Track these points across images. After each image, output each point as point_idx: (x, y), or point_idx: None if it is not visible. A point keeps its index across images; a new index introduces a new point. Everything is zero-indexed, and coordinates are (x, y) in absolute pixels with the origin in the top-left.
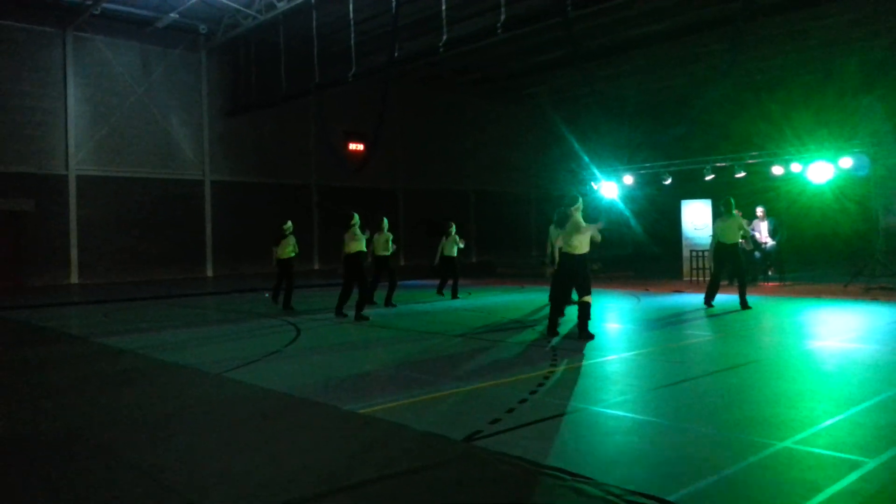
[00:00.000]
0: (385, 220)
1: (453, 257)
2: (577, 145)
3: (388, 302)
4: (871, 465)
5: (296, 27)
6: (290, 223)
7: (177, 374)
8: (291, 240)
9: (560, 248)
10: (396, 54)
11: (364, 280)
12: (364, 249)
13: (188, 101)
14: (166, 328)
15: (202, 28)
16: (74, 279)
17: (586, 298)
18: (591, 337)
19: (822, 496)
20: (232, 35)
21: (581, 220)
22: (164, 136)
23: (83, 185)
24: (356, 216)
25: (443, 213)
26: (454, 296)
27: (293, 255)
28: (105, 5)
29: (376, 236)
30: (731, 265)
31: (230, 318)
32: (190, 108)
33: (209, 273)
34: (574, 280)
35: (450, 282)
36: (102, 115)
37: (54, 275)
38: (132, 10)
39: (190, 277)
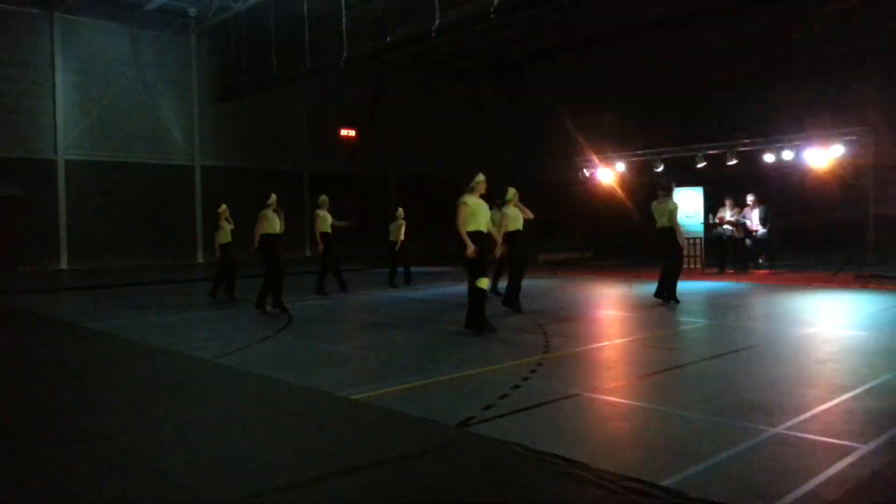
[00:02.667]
0: (400, 209)
1: (395, 242)
2: (572, 132)
3: (408, 280)
4: (863, 450)
5: (287, 10)
6: (223, 206)
7: (168, 360)
8: (226, 225)
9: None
10: (388, 39)
11: (276, 266)
12: (276, 231)
13: (178, 85)
14: (156, 313)
15: (191, 11)
16: (64, 265)
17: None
18: (481, 329)
19: (814, 481)
20: (222, 18)
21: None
22: (154, 121)
23: (72, 170)
24: (273, 196)
25: (436, 200)
26: (399, 282)
27: (229, 240)
28: None
29: (392, 223)
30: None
31: (220, 304)
32: (180, 92)
33: (199, 259)
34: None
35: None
36: (91, 99)
37: (45, 260)
38: None
39: (180, 263)
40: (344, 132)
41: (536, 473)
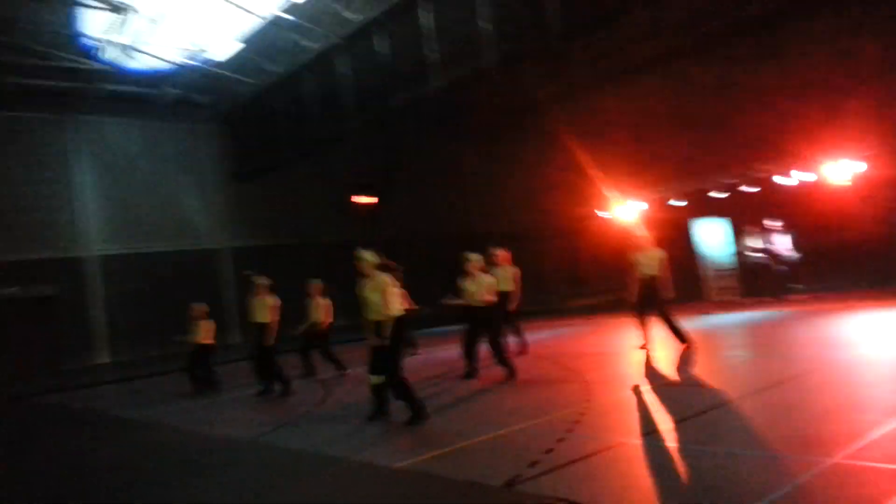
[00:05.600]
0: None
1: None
2: (587, 173)
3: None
4: None
5: (292, 88)
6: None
7: (211, 443)
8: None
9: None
10: (392, 104)
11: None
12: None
13: (197, 171)
14: (199, 398)
15: (202, 99)
16: (106, 358)
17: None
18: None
19: None
20: (232, 103)
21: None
22: (178, 209)
23: (104, 265)
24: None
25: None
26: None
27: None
28: (107, 86)
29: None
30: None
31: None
32: (200, 178)
33: (237, 339)
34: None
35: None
36: (113, 194)
37: (85, 355)
38: (134, 88)
39: (218, 345)
40: (361, 199)
41: None
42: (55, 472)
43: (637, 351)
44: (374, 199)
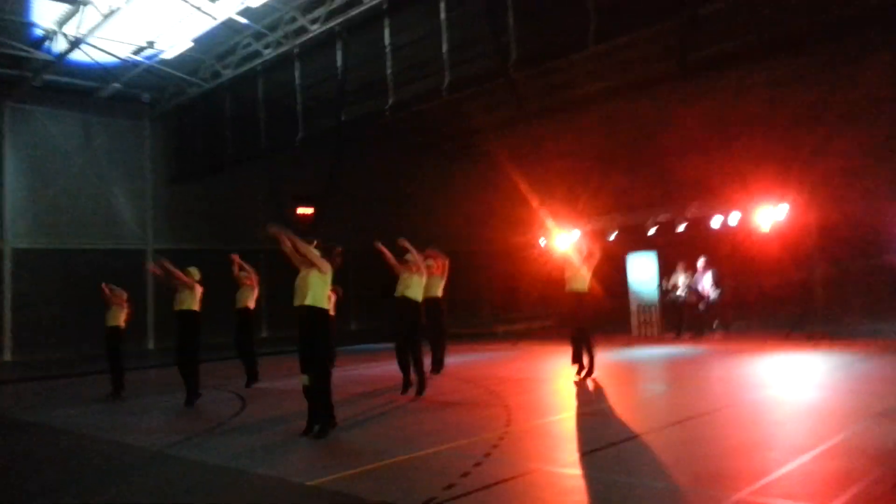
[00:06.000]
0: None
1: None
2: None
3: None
4: None
5: (241, 94)
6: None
7: (118, 452)
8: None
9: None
10: (343, 118)
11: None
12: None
13: (131, 169)
14: (107, 403)
15: (145, 97)
16: (7, 357)
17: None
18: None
19: None
20: (176, 103)
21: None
22: (106, 207)
23: (19, 259)
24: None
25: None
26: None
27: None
28: (46, 77)
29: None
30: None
31: (170, 390)
32: (133, 176)
33: (150, 346)
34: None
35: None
36: (41, 186)
37: None
38: (74, 80)
39: (132, 351)
40: (301, 210)
41: None
42: None
43: (565, 377)
44: (311, 210)
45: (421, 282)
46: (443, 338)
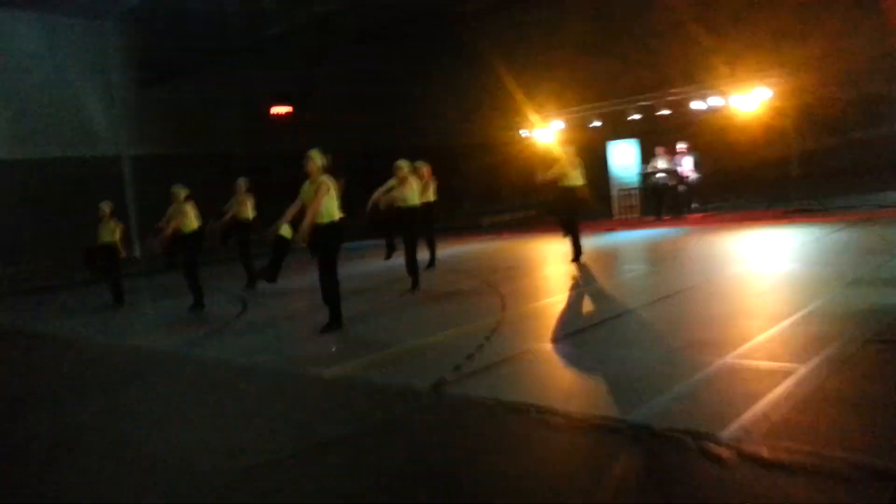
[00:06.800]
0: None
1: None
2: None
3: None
4: (802, 370)
5: None
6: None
7: (133, 355)
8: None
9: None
10: (317, 10)
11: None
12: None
13: (101, 72)
14: (106, 311)
15: None
16: None
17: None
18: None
19: (763, 401)
20: (143, 1)
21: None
22: (75, 112)
23: None
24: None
25: (379, 174)
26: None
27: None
28: None
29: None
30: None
31: (169, 295)
32: (103, 80)
33: (136, 253)
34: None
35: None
36: (5, 94)
37: None
38: None
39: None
40: (278, 110)
41: (514, 424)
42: None
43: (549, 265)
44: (289, 110)
45: (415, 189)
46: (433, 237)
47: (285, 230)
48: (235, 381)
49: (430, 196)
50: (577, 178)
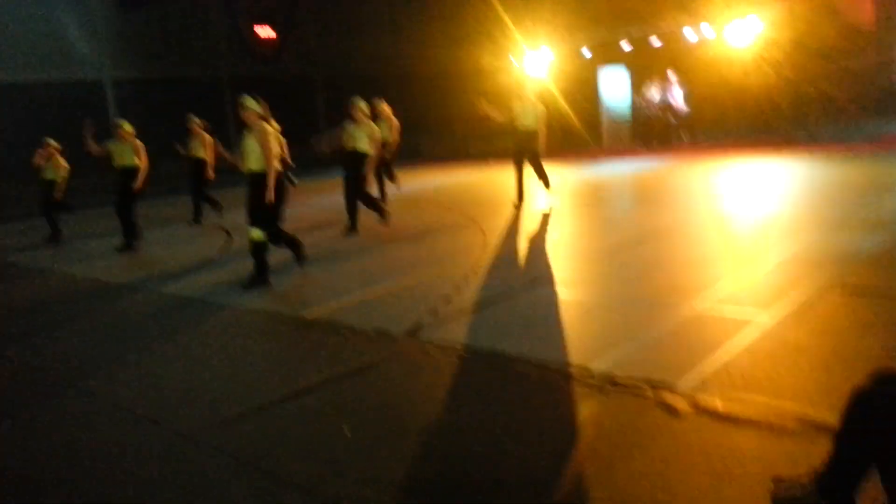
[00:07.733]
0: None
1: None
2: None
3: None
4: (765, 319)
5: None
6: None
7: (112, 293)
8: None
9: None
10: None
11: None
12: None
13: None
14: (90, 239)
15: None
16: None
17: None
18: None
19: (721, 351)
20: None
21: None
22: (53, 34)
23: None
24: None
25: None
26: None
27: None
28: None
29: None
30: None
31: (154, 224)
32: (83, 2)
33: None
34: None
35: None
36: None
37: None
38: None
39: (101, 185)
40: (263, 33)
41: (483, 372)
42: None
43: (534, 200)
44: (273, 35)
45: (371, 131)
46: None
47: (256, 234)
48: (217, 323)
49: (390, 136)
50: (528, 120)
